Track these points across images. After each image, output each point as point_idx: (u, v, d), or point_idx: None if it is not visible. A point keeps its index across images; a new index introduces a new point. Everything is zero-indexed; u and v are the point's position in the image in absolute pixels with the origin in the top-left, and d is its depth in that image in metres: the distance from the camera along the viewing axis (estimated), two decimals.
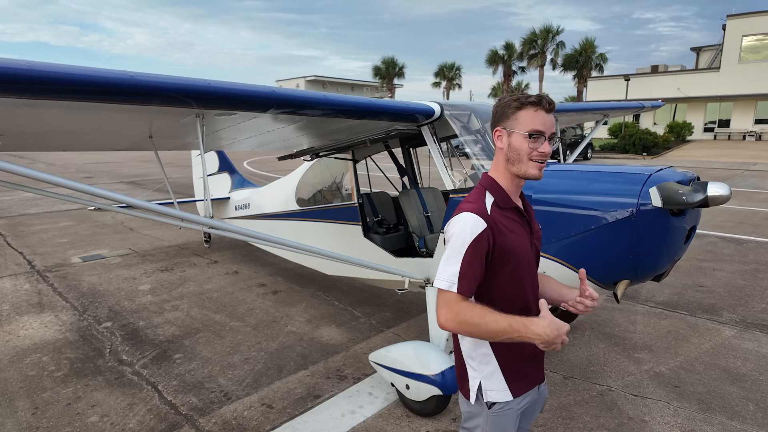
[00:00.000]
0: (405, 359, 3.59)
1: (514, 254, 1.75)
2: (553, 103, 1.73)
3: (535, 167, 1.72)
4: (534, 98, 1.71)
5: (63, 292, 6.15)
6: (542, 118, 1.70)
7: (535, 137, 1.70)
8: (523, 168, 1.73)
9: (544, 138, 1.71)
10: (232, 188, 8.17)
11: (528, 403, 1.90)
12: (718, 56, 41.05)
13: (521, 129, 1.70)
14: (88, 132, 3.66)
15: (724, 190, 2.74)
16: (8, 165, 2.55)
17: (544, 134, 1.70)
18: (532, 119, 1.70)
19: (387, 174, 5.97)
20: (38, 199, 12.89)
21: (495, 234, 1.70)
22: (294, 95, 3.13)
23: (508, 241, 1.73)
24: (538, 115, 1.70)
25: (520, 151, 1.72)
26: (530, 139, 1.70)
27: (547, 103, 1.71)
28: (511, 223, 1.77)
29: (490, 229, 1.69)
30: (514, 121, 1.72)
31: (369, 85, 70.34)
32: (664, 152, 29.51)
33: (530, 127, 1.69)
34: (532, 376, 1.89)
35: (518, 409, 1.85)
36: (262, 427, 3.45)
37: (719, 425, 3.41)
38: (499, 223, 1.73)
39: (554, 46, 47.01)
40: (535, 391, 1.92)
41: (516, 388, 1.83)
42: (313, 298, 5.95)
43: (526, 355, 1.83)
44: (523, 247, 1.79)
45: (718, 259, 7.48)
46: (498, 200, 1.78)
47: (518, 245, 1.77)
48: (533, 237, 1.87)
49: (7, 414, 3.59)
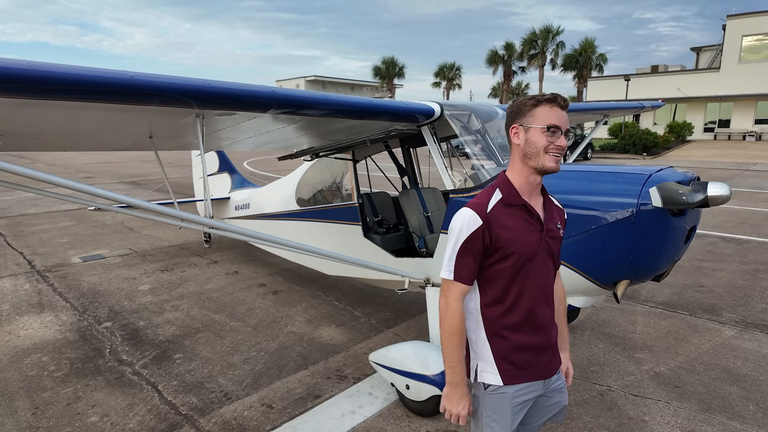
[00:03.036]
0: (405, 359, 3.59)
1: (514, 250, 1.82)
2: (567, 101, 1.83)
3: (552, 160, 1.79)
4: (549, 96, 1.81)
5: (63, 292, 6.15)
6: (558, 114, 1.79)
7: (553, 131, 1.78)
8: (540, 161, 1.80)
9: (561, 132, 1.79)
10: (232, 188, 8.18)
11: (529, 396, 1.94)
12: (718, 56, 41.06)
13: (538, 124, 1.79)
14: (88, 132, 3.66)
15: (724, 190, 2.73)
16: (8, 165, 2.55)
17: (561, 128, 1.79)
18: (548, 114, 1.78)
19: (387, 174, 5.97)
20: (38, 199, 12.88)
21: (491, 230, 1.81)
22: (294, 95, 3.13)
23: (507, 237, 1.82)
24: (554, 111, 1.79)
25: (537, 144, 1.79)
26: (548, 133, 1.78)
27: (562, 100, 1.81)
28: (514, 220, 1.84)
29: (486, 225, 1.80)
30: (530, 117, 1.80)
31: (369, 85, 70.35)
32: (664, 152, 29.51)
33: (547, 122, 1.78)
34: (531, 370, 1.93)
35: (514, 396, 1.91)
36: (262, 427, 3.45)
37: (719, 425, 3.41)
38: (500, 219, 1.82)
39: (554, 46, 47.05)
40: (537, 386, 1.95)
41: (508, 376, 1.89)
42: (313, 298, 5.95)
43: (522, 347, 1.90)
44: (527, 244, 1.85)
45: (718, 259, 7.49)
46: (505, 197, 1.85)
47: (519, 241, 1.83)
48: (546, 235, 1.90)
49: (7, 414, 3.59)
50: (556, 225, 1.97)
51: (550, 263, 1.95)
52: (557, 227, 1.98)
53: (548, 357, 1.97)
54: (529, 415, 2.01)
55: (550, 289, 1.97)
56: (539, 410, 2.04)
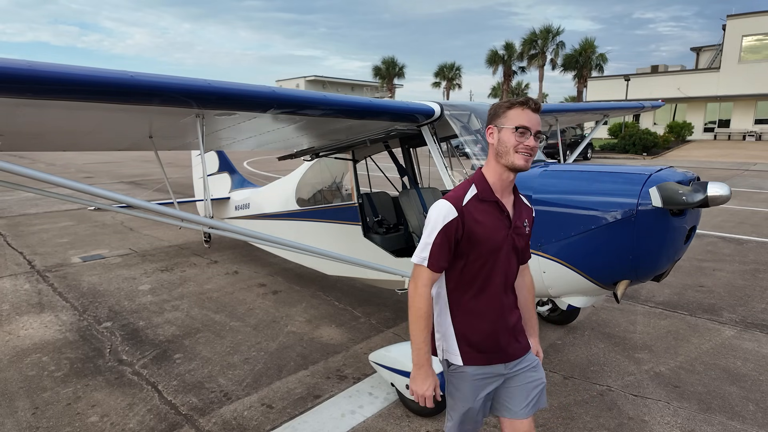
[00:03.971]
0: (405, 359, 3.59)
1: (482, 242, 1.99)
2: (538, 104, 1.97)
3: (522, 158, 1.94)
4: (522, 99, 1.96)
5: (63, 292, 6.15)
6: (528, 116, 1.94)
7: (522, 131, 1.92)
8: (510, 159, 1.95)
9: (530, 133, 1.93)
10: (232, 188, 8.18)
11: (489, 376, 2.10)
12: (718, 56, 41.05)
13: (509, 125, 1.94)
14: (88, 132, 3.66)
15: (724, 190, 2.73)
16: (8, 165, 2.55)
17: (530, 130, 1.93)
18: (518, 116, 1.93)
19: (387, 174, 5.97)
20: (38, 199, 12.88)
21: (465, 222, 1.96)
22: (294, 95, 3.13)
23: (477, 230, 1.97)
24: (525, 113, 1.94)
25: (507, 143, 1.94)
26: (517, 133, 1.92)
27: (533, 104, 1.95)
28: (485, 215, 2.00)
29: (461, 217, 1.95)
30: (503, 118, 1.97)
31: (369, 85, 70.33)
32: (664, 152, 29.50)
33: (517, 123, 1.93)
34: (491, 353, 2.08)
35: (474, 376, 2.08)
36: (262, 427, 3.45)
37: (719, 425, 3.41)
38: (473, 213, 1.98)
39: (554, 46, 47.02)
40: (498, 369, 2.10)
41: (468, 358, 2.07)
42: (313, 298, 5.95)
43: (483, 331, 2.07)
44: (494, 238, 2.01)
45: (718, 259, 7.49)
46: (479, 192, 2.01)
47: (487, 235, 1.99)
48: (513, 232, 2.06)
49: (7, 414, 3.59)
50: (523, 223, 2.13)
51: (514, 257, 2.11)
52: (524, 225, 2.13)
53: (507, 341, 2.10)
54: (513, 402, 2.15)
55: (512, 280, 2.13)
56: (519, 392, 2.15)
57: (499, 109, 1.99)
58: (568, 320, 5.06)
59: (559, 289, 3.45)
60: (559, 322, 5.05)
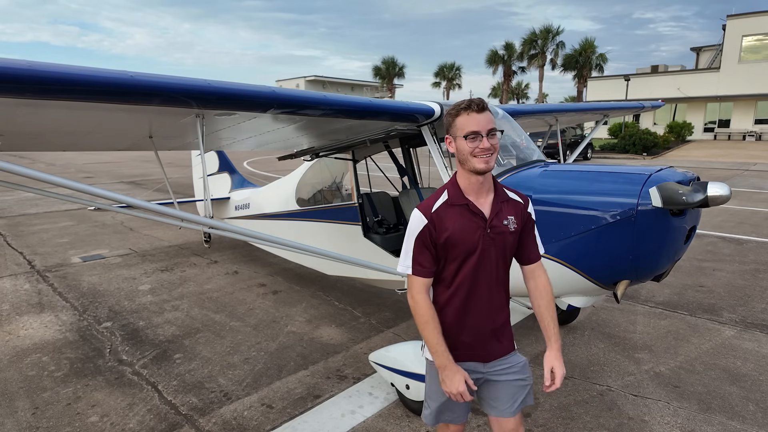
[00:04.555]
0: (405, 359, 3.59)
1: (455, 245, 2.02)
2: (482, 103, 1.98)
3: (480, 162, 1.95)
4: (464, 104, 1.98)
5: (63, 292, 6.15)
6: (475, 119, 1.95)
7: (472, 137, 1.94)
8: (471, 164, 1.98)
9: (482, 136, 1.94)
10: (232, 188, 8.18)
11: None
12: (718, 56, 41.04)
13: (460, 133, 1.97)
14: (88, 132, 3.66)
15: (724, 190, 2.74)
16: (8, 165, 2.55)
17: (480, 133, 1.94)
18: (466, 122, 1.96)
19: (387, 174, 5.97)
20: (38, 199, 12.88)
21: (436, 227, 2.02)
22: (294, 95, 3.13)
23: (450, 234, 2.01)
24: (471, 118, 1.95)
25: (464, 151, 1.97)
26: (468, 140, 1.94)
27: (476, 105, 1.96)
28: (456, 218, 2.03)
29: (431, 223, 2.02)
30: (455, 128, 2.00)
31: (369, 85, 70.34)
32: (664, 152, 29.50)
33: (466, 130, 1.95)
34: (465, 351, 2.13)
35: None
36: (262, 427, 3.45)
37: (719, 425, 3.41)
38: (442, 219, 2.02)
39: (554, 46, 47.06)
40: (475, 366, 2.15)
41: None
42: (313, 298, 5.95)
43: (458, 330, 2.12)
44: (468, 240, 2.02)
45: (718, 259, 7.49)
46: (450, 198, 2.06)
47: (460, 236, 2.02)
48: (491, 231, 2.05)
49: (7, 414, 3.59)
50: (504, 221, 2.08)
51: (498, 256, 2.08)
52: (505, 223, 2.08)
53: (485, 341, 2.14)
54: (498, 402, 2.18)
55: (497, 279, 2.11)
56: (504, 393, 2.18)
57: (449, 118, 2.02)
58: (568, 320, 5.06)
59: (559, 289, 3.44)
60: (559, 322, 5.05)
